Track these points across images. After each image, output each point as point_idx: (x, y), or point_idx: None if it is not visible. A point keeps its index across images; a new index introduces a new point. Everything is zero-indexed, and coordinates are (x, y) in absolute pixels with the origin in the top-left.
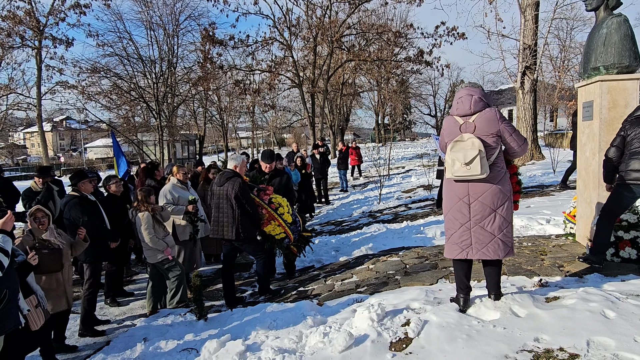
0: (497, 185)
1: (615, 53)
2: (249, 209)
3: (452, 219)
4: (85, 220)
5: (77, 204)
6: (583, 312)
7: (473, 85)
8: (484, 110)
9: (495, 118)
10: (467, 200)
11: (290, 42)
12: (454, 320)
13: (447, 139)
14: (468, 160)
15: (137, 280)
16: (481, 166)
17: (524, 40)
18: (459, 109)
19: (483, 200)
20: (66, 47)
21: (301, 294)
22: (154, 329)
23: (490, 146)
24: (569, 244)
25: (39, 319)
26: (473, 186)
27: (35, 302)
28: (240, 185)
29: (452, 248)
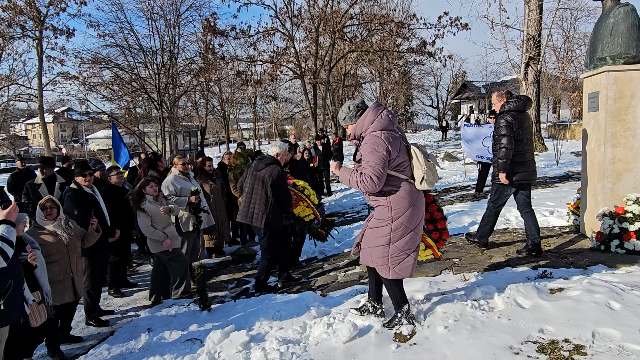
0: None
1: (622, 43)
2: (283, 198)
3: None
4: (77, 214)
5: (70, 197)
6: (588, 303)
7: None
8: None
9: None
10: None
11: (292, 33)
12: (458, 310)
13: (402, 153)
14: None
15: (140, 271)
16: (435, 177)
17: (528, 31)
18: (394, 123)
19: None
20: (67, 37)
21: (304, 285)
22: (157, 319)
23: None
24: (573, 235)
25: (39, 316)
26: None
27: (39, 298)
28: (279, 173)
29: (412, 268)
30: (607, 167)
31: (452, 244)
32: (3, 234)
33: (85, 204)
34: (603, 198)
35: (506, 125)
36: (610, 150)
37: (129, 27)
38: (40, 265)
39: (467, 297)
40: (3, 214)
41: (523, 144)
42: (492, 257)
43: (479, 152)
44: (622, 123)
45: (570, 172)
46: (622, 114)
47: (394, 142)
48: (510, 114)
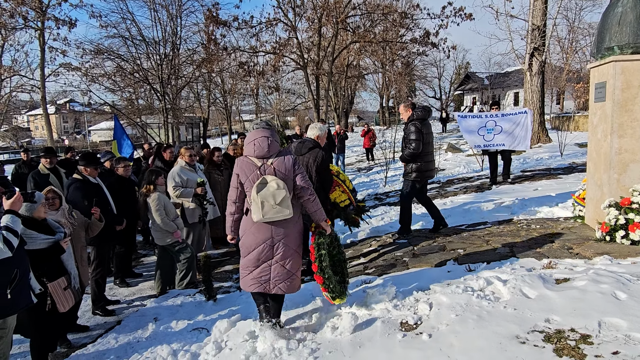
0: (296, 227)
1: (630, 32)
2: (328, 183)
3: (254, 259)
4: (86, 204)
5: (77, 187)
6: (594, 293)
7: (266, 127)
8: (281, 154)
9: (291, 163)
10: (270, 242)
11: (295, 23)
12: (464, 301)
13: (246, 181)
14: (279, 201)
15: (144, 262)
16: (288, 206)
17: (533, 21)
18: (256, 151)
19: (287, 242)
20: (69, 28)
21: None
22: (164, 309)
23: (288, 189)
24: (578, 226)
25: (67, 301)
26: (277, 228)
27: (65, 284)
28: (323, 156)
29: (250, 283)
30: (613, 157)
31: (456, 234)
32: (8, 223)
33: (92, 194)
34: (609, 189)
35: (416, 131)
36: (616, 141)
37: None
38: (67, 250)
39: (472, 287)
40: (8, 204)
41: (430, 146)
42: (496, 247)
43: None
44: (629, 113)
45: (574, 163)
46: (630, 104)
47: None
48: (418, 121)
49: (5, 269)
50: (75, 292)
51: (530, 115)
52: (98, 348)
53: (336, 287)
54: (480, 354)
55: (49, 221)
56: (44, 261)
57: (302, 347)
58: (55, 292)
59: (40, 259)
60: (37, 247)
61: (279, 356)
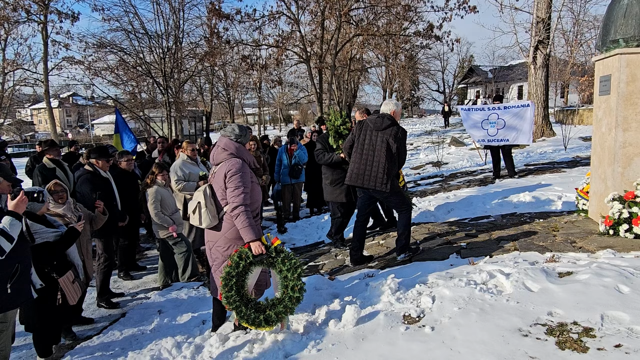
0: (227, 235)
1: (636, 25)
2: (402, 160)
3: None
4: (94, 197)
5: (88, 179)
6: (597, 287)
7: (225, 134)
8: (225, 160)
9: (223, 174)
10: (208, 246)
11: (298, 16)
12: (467, 294)
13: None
14: (191, 210)
15: (148, 255)
16: (200, 217)
17: (538, 14)
18: (213, 158)
19: (217, 248)
20: (72, 21)
21: (312, 268)
22: (168, 302)
23: (224, 198)
24: (582, 220)
25: (75, 294)
26: (207, 233)
27: (72, 277)
28: (404, 131)
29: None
30: (617, 151)
31: (459, 228)
32: (4, 227)
33: (102, 187)
34: (613, 182)
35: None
36: (621, 134)
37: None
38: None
39: (475, 281)
40: (12, 205)
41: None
42: (499, 241)
43: (481, 136)
44: (634, 107)
45: (578, 157)
46: (635, 97)
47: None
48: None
49: (7, 263)
50: (81, 283)
51: (533, 108)
52: (103, 340)
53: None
54: (483, 346)
55: (48, 217)
56: (53, 254)
57: (305, 339)
58: (66, 286)
59: (49, 253)
60: (45, 239)
61: (282, 348)
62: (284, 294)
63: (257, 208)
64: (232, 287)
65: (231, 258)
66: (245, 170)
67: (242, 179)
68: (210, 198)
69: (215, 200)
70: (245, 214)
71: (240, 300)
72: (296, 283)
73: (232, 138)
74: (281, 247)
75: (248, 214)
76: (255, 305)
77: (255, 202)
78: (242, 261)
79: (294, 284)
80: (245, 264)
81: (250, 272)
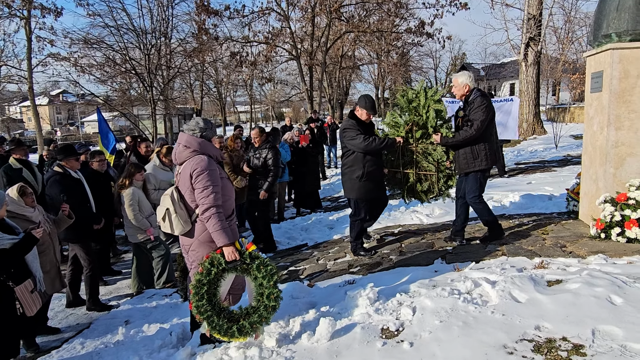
0: (201, 238)
1: (629, 19)
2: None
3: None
4: (65, 199)
5: (57, 181)
6: (588, 297)
7: (186, 130)
8: (188, 160)
9: (188, 174)
10: (184, 249)
11: (288, 13)
12: (450, 305)
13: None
14: (160, 217)
15: (125, 258)
16: (172, 224)
17: (529, 10)
18: (175, 157)
19: (192, 252)
20: (55, 16)
21: (292, 274)
22: (137, 311)
23: (193, 200)
24: (572, 222)
25: (34, 304)
26: (181, 237)
27: (31, 286)
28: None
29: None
30: (609, 151)
31: (446, 230)
32: None
33: (73, 188)
34: (605, 184)
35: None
36: (613, 133)
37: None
38: (32, 252)
39: (459, 290)
40: None
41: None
42: (487, 245)
43: None
44: (626, 104)
45: (569, 155)
46: (627, 94)
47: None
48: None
49: None
50: (42, 294)
51: (517, 103)
52: (62, 355)
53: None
54: None
55: (7, 221)
56: (9, 262)
57: (275, 356)
58: (23, 296)
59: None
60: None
61: None
62: (259, 302)
63: (230, 207)
64: (203, 296)
65: (202, 264)
66: (213, 167)
67: (210, 177)
68: (179, 202)
69: (185, 204)
70: (217, 216)
71: (212, 309)
72: (272, 291)
73: (195, 133)
74: (256, 252)
75: (220, 216)
76: (228, 314)
77: (228, 200)
78: (213, 268)
79: (269, 292)
80: (218, 270)
81: (223, 279)
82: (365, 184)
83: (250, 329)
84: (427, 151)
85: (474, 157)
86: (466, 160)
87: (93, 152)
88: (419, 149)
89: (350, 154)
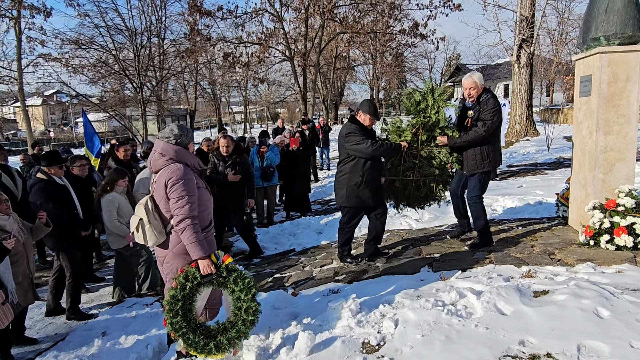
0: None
1: (617, 22)
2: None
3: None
4: (51, 207)
5: (42, 188)
6: (574, 310)
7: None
8: (164, 167)
9: (163, 181)
10: (160, 261)
11: (281, 14)
12: (433, 318)
13: None
14: (134, 227)
15: (110, 264)
16: (145, 235)
17: (522, 12)
18: (150, 165)
19: (167, 265)
20: (45, 17)
21: (277, 281)
22: (115, 321)
23: (168, 210)
24: (562, 228)
25: (5, 317)
26: (156, 249)
27: (2, 298)
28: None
29: None
30: (598, 156)
31: (433, 236)
32: None
33: (58, 196)
34: (593, 189)
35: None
36: (602, 138)
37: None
38: (4, 262)
39: (443, 301)
40: None
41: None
42: (475, 253)
43: None
44: (615, 109)
45: (561, 158)
46: (616, 99)
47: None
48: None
49: None
50: (14, 306)
51: (507, 109)
52: None
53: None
54: None
55: None
56: None
57: None
58: None
59: None
60: None
61: None
62: (237, 316)
63: (208, 217)
64: (177, 312)
65: (176, 279)
66: (189, 175)
67: (186, 187)
68: (154, 212)
69: (160, 214)
70: (192, 227)
71: (187, 326)
72: (250, 304)
73: (170, 140)
74: (233, 265)
75: (195, 228)
76: (204, 330)
77: (205, 211)
78: (188, 282)
79: (247, 306)
80: (193, 285)
81: (199, 293)
82: (362, 192)
83: (228, 345)
84: (432, 154)
85: (482, 158)
86: (475, 161)
87: (73, 157)
88: (423, 153)
89: (351, 160)
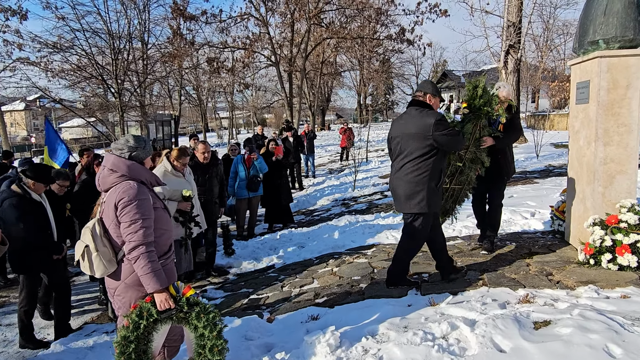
0: (127, 281)
1: (617, 24)
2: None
3: None
4: (21, 227)
5: (14, 205)
6: (582, 347)
7: (117, 148)
8: (114, 185)
9: (113, 202)
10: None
11: (267, 19)
12: (422, 356)
13: None
14: (79, 255)
15: (76, 282)
16: (92, 264)
17: (508, 17)
18: (99, 183)
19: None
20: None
21: (253, 302)
22: (69, 353)
23: (119, 235)
24: (558, 244)
25: None
26: (106, 279)
27: None
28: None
29: None
30: (597, 168)
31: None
32: None
33: (33, 212)
34: (593, 204)
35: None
36: (601, 149)
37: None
38: None
39: (434, 334)
40: None
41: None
42: (466, 272)
43: None
44: (615, 117)
45: (551, 165)
46: (616, 106)
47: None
48: None
49: None
50: None
51: None
52: None
53: None
54: None
55: None
56: None
57: None
58: None
59: None
60: None
61: None
62: (201, 356)
63: (166, 242)
64: (130, 356)
65: (128, 317)
66: (143, 195)
67: (140, 209)
68: (102, 238)
69: (110, 239)
70: (146, 256)
71: None
72: (215, 343)
73: (123, 153)
74: (195, 297)
75: (151, 256)
76: None
77: (164, 235)
78: (142, 321)
79: (212, 344)
80: (148, 323)
81: (156, 331)
82: (439, 193)
83: None
84: (476, 157)
85: (508, 162)
86: (507, 166)
87: (57, 172)
88: (468, 156)
89: (433, 154)
